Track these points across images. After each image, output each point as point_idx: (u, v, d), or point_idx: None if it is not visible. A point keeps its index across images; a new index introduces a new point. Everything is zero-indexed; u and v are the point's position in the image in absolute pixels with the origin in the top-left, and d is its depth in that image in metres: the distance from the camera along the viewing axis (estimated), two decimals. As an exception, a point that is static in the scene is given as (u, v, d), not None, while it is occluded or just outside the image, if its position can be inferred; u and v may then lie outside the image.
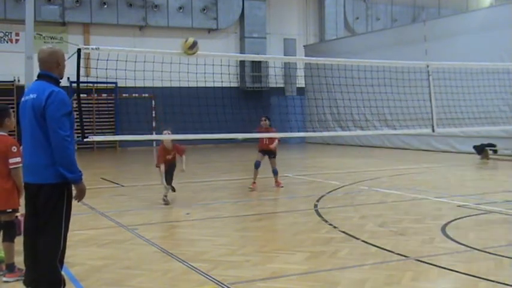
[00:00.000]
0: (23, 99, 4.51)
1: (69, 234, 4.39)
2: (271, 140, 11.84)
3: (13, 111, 5.82)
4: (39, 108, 4.26)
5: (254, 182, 11.59)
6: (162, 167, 9.69)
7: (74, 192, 4.38)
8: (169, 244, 6.63)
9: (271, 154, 12.05)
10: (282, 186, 11.68)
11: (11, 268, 5.30)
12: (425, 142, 20.83)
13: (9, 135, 5.64)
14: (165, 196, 9.64)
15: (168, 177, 9.81)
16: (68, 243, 5.00)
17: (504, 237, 6.80)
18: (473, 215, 8.12)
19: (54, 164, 4.21)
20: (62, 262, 4.38)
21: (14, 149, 5.36)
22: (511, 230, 7.44)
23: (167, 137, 9.26)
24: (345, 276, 5.16)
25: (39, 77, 4.55)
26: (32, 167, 4.33)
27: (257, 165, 11.85)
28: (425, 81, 10.02)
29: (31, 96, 4.39)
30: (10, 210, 5.40)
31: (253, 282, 5.06)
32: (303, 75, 22.15)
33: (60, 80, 4.66)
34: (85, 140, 8.08)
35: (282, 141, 28.00)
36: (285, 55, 27.09)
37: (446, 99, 14.20)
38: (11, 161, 5.32)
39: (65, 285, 4.35)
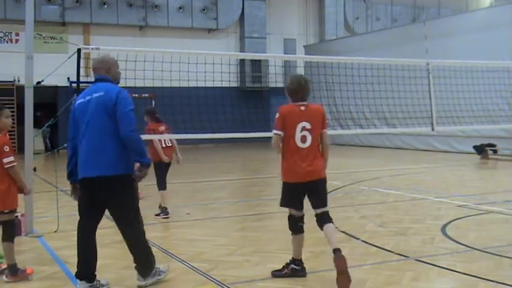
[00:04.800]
0: (82, 100, 4.89)
1: (68, 234, 4.39)
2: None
3: (12, 112, 5.76)
4: (110, 104, 4.72)
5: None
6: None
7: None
8: (169, 244, 6.62)
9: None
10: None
11: (13, 270, 5.26)
12: (425, 142, 20.82)
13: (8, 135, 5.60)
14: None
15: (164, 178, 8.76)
16: (67, 243, 5.05)
17: (504, 237, 6.80)
18: (473, 215, 8.11)
19: (123, 156, 4.74)
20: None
21: (6, 148, 5.30)
22: (511, 230, 7.43)
23: (169, 136, 8.96)
24: (345, 276, 5.16)
25: (97, 80, 5.01)
26: (98, 160, 4.70)
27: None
28: (425, 79, 10.02)
29: (97, 94, 4.81)
30: (7, 211, 5.33)
31: (253, 282, 5.06)
32: (303, 73, 22.14)
33: (117, 84, 5.08)
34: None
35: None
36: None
37: (446, 98, 14.19)
38: (5, 160, 5.26)
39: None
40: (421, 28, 20.59)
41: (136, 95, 23.99)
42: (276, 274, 5.23)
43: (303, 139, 5.09)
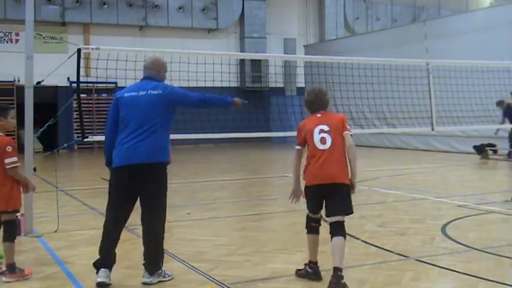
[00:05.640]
0: (132, 93, 5.15)
1: (68, 234, 4.40)
2: None
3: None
4: (170, 101, 5.13)
5: None
6: None
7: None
8: (169, 244, 6.62)
9: None
10: None
11: (11, 268, 5.28)
12: (425, 142, 20.81)
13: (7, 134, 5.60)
14: None
15: None
16: (67, 243, 5.05)
17: (504, 237, 6.80)
18: (473, 215, 8.11)
19: (168, 146, 5.14)
20: None
21: (9, 148, 5.30)
22: (511, 230, 7.44)
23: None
24: (345, 276, 5.15)
25: (147, 78, 5.30)
26: (147, 150, 4.96)
27: None
28: (425, 79, 10.02)
29: (154, 92, 5.10)
30: (10, 210, 5.36)
31: (253, 282, 5.06)
32: (303, 73, 22.15)
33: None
34: (85, 140, 8.10)
35: (281, 141, 27.99)
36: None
37: (446, 98, 14.20)
38: (6, 161, 5.25)
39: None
40: (421, 28, 20.58)
41: (137, 95, 24.13)
42: (297, 273, 5.25)
43: (322, 141, 5.08)
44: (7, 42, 23.64)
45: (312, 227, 5.27)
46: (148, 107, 5.04)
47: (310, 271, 5.19)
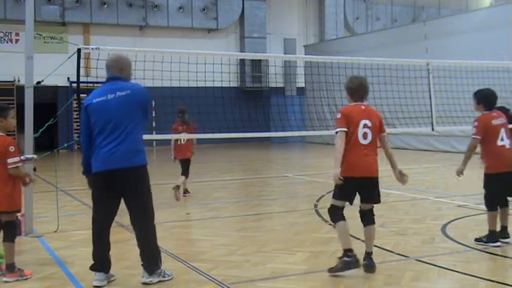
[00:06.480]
0: (100, 98, 5.00)
1: (68, 234, 4.40)
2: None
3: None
4: (140, 103, 5.01)
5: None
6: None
7: None
8: (169, 244, 6.62)
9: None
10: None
11: (10, 268, 5.28)
12: (425, 142, 20.82)
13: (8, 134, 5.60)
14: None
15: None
16: (67, 243, 5.03)
17: (504, 237, 6.79)
18: (473, 215, 8.12)
19: (143, 148, 5.06)
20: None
21: (12, 148, 5.31)
22: (511, 230, 7.43)
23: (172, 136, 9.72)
24: (345, 276, 5.16)
25: (111, 79, 5.13)
26: (124, 154, 4.90)
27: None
28: (425, 79, 10.01)
29: (122, 93, 4.96)
30: (12, 210, 5.37)
31: (253, 282, 5.06)
32: (303, 73, 22.14)
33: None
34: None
35: (281, 141, 28.00)
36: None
37: (446, 98, 14.19)
38: (9, 160, 5.27)
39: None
40: (421, 28, 20.62)
41: (136, 95, 24.11)
42: (331, 271, 5.19)
43: (365, 136, 5.27)
44: (7, 42, 23.64)
45: (341, 214, 5.36)
46: (119, 110, 4.94)
47: (350, 259, 5.15)
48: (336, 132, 5.27)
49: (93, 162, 5.03)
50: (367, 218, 5.43)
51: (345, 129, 5.23)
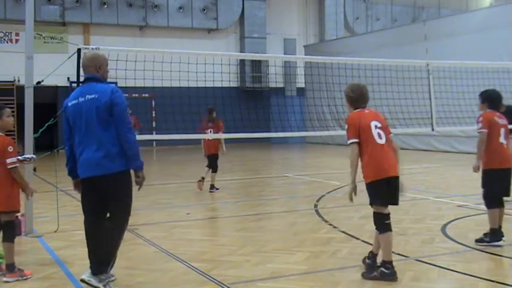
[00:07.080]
0: (73, 101, 4.86)
1: (68, 234, 4.40)
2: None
3: (12, 112, 5.73)
4: (105, 105, 4.72)
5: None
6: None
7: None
8: (169, 244, 6.62)
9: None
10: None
11: (10, 268, 5.28)
12: (425, 142, 20.81)
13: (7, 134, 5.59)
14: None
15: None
16: (67, 243, 5.03)
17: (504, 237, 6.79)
18: (473, 215, 8.12)
19: (121, 153, 4.77)
20: None
21: (11, 148, 5.31)
22: (511, 230, 7.43)
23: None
24: (345, 276, 5.16)
25: (87, 79, 4.95)
26: (98, 161, 4.74)
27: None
28: (425, 80, 10.01)
29: (91, 96, 4.78)
30: (11, 210, 5.36)
31: (253, 282, 5.06)
32: (303, 73, 22.15)
33: (105, 81, 5.02)
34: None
35: (281, 141, 27.94)
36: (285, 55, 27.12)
37: (446, 98, 14.20)
38: (8, 161, 5.26)
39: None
40: (421, 28, 20.62)
41: (137, 95, 24.08)
42: (366, 276, 5.07)
43: (379, 136, 5.24)
44: (7, 42, 23.64)
45: (388, 224, 5.27)
46: (88, 113, 4.76)
47: (388, 272, 4.98)
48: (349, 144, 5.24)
49: (77, 167, 4.92)
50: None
51: (356, 141, 5.20)
